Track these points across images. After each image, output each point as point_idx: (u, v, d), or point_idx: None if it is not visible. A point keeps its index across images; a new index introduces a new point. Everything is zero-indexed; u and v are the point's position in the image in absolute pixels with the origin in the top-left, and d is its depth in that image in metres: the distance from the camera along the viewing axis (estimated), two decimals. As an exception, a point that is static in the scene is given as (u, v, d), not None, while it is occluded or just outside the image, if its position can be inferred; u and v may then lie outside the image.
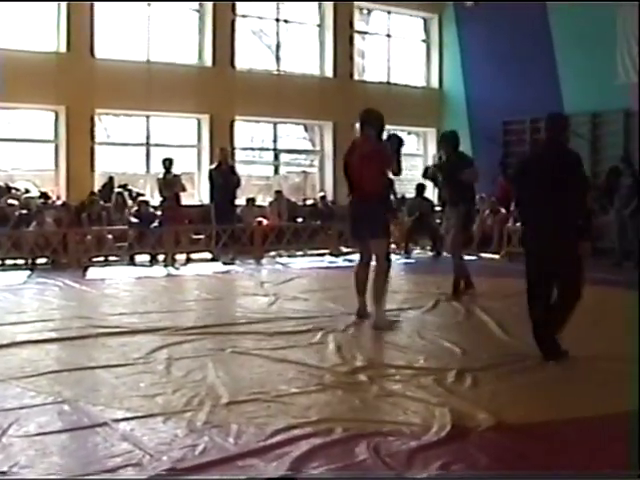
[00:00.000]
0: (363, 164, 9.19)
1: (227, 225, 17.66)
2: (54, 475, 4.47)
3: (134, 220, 17.23)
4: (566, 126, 7.79)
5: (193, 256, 17.33)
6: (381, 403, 6.00)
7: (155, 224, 17.23)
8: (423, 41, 24.61)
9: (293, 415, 5.59)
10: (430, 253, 19.25)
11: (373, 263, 9.43)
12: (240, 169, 18.65)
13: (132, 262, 16.56)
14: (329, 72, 22.41)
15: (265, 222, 19.06)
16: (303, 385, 6.46)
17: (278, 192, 20.40)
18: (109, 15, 19.29)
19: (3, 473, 4.45)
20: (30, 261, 15.60)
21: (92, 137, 19.07)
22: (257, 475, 4.49)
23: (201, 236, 18.02)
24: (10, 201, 16.81)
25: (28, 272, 14.74)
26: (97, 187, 18.82)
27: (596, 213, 16.47)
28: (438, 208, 20.97)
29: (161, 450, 4.85)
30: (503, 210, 19.65)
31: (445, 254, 18.46)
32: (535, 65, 20.28)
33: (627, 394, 6.04)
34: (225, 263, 16.73)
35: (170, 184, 17.26)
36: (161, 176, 17.44)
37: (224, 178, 17.58)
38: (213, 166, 18.17)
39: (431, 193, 21.75)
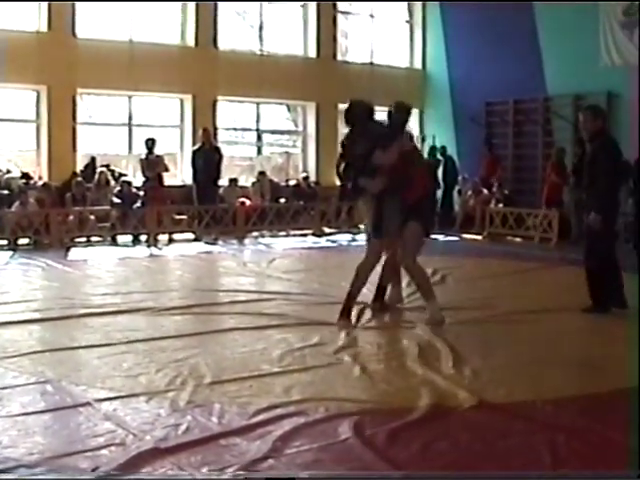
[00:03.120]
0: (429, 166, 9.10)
1: (209, 205, 17.66)
2: (37, 455, 4.48)
3: (116, 200, 17.17)
4: None
5: (176, 236, 17.32)
6: (363, 383, 6.03)
7: (137, 204, 17.19)
8: (407, 22, 24.52)
9: (276, 394, 5.62)
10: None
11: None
12: (223, 150, 18.59)
13: (114, 242, 16.53)
14: (312, 53, 22.32)
15: (248, 202, 19.02)
16: (286, 365, 6.49)
17: (261, 173, 20.36)
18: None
19: (-14, 453, 4.47)
20: (12, 241, 15.54)
21: (74, 117, 18.95)
22: (247, 462, 4.50)
23: (184, 216, 17.99)
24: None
25: (10, 253, 14.67)
26: (79, 167, 18.75)
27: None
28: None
29: (144, 429, 4.87)
30: (485, 191, 19.70)
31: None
32: (518, 46, 20.25)
33: (609, 374, 6.10)
34: (208, 243, 16.72)
35: (153, 164, 17.23)
36: (143, 156, 17.40)
37: (206, 159, 17.56)
38: (196, 147, 18.15)
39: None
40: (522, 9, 20.24)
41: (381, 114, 9.31)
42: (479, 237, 18.23)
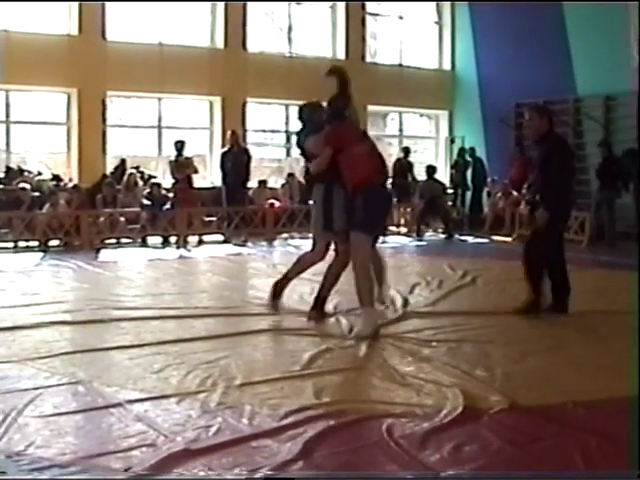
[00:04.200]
0: (375, 148, 8.64)
1: (239, 207, 17.70)
2: (70, 455, 4.50)
3: (146, 202, 17.25)
4: None
5: (205, 238, 17.36)
6: (394, 385, 5.99)
7: (167, 206, 17.26)
8: (435, 23, 24.49)
9: (307, 396, 5.60)
10: (442, 235, 19.21)
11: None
12: (252, 151, 18.62)
13: (144, 244, 16.60)
14: (341, 54, 22.33)
15: (277, 204, 19.04)
16: (316, 366, 6.47)
17: (290, 174, 20.38)
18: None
19: (19, 453, 4.49)
20: (43, 243, 15.64)
21: (104, 119, 19.09)
22: (278, 464, 4.50)
23: (213, 218, 18.05)
24: (22, 184, 16.86)
25: (41, 254, 14.78)
26: (109, 169, 18.86)
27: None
28: (450, 190, 21.07)
29: (175, 431, 4.88)
30: (515, 193, 19.61)
31: (457, 236, 18.57)
32: (548, 47, 20.15)
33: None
34: (237, 245, 16.75)
35: (182, 166, 17.29)
36: (173, 158, 17.46)
37: (234, 161, 17.62)
38: (225, 149, 18.21)
39: (442, 175, 21.81)
40: (551, 9, 20.13)
41: (412, 115, 9.14)
42: (509, 239, 18.14)
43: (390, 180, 20.03)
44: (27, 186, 16.84)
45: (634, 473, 4.37)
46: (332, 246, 8.69)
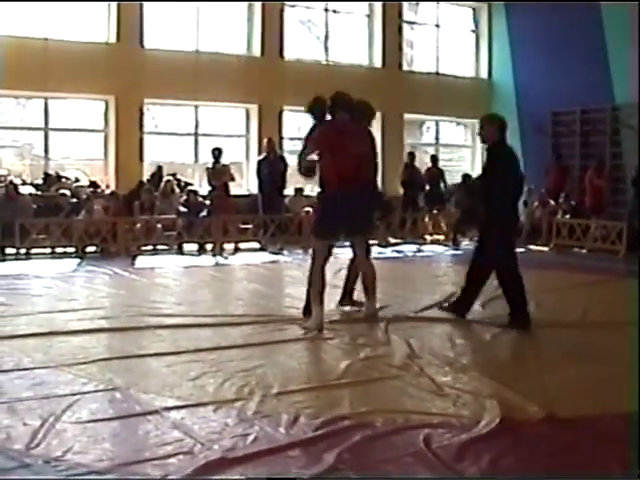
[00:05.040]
0: (363, 151, 8.43)
1: (275, 215, 17.72)
2: (107, 461, 4.51)
3: (183, 209, 17.31)
4: None
5: (241, 246, 17.38)
6: (431, 395, 5.97)
7: (203, 213, 17.31)
8: (472, 31, 24.41)
9: (343, 406, 5.59)
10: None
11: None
12: (288, 159, 18.63)
13: (180, 251, 16.63)
14: (378, 62, 22.32)
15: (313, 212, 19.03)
16: (353, 376, 6.46)
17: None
18: (158, 5, 19.36)
19: (57, 459, 4.51)
20: (80, 249, 15.74)
21: (141, 127, 19.19)
22: (315, 473, 4.49)
23: (249, 226, 18.07)
24: (62, 191, 16.99)
25: (78, 260, 14.87)
26: (146, 176, 18.95)
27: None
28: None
29: (212, 439, 4.88)
30: (552, 202, 19.49)
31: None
32: (585, 55, 20.02)
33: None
34: (273, 253, 16.76)
35: (219, 174, 17.32)
36: (210, 165, 17.51)
37: (271, 168, 17.64)
38: (261, 157, 18.24)
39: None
40: (589, 16, 20.01)
41: (449, 124, 9.20)
42: (546, 248, 18.02)
43: (425, 187, 20.05)
44: (67, 192, 16.96)
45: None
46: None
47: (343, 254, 9.64)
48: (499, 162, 8.65)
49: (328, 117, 8.89)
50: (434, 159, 20.77)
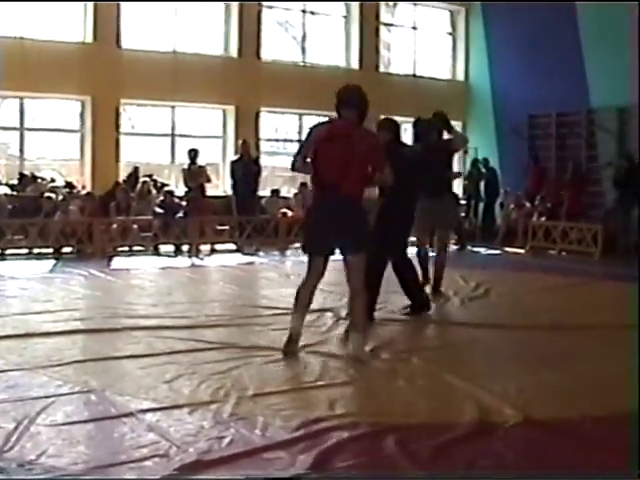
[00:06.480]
0: (355, 157, 7.11)
1: (251, 216, 17.71)
2: (82, 464, 4.48)
3: (159, 210, 17.27)
4: None
5: (217, 247, 17.36)
6: (407, 397, 5.97)
7: (180, 214, 17.28)
8: (449, 34, 24.50)
9: (319, 408, 5.58)
10: (454, 247, 19.14)
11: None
12: (265, 160, 18.65)
13: (156, 252, 16.59)
14: (355, 64, 22.36)
15: (290, 214, 19.03)
16: (330, 378, 6.45)
17: (303, 184, 20.34)
18: (136, 5, 19.31)
19: (31, 462, 4.47)
20: (56, 250, 15.65)
21: (117, 127, 19.13)
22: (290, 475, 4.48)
23: (225, 227, 18.06)
24: (48, 194, 16.77)
25: (54, 261, 14.79)
26: (122, 177, 18.88)
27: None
28: (463, 202, 21.03)
29: (187, 441, 4.85)
30: (528, 204, 19.58)
31: (470, 247, 18.53)
32: (562, 59, 20.11)
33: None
34: (249, 254, 16.74)
35: (195, 175, 17.31)
36: (186, 167, 17.49)
37: (245, 170, 17.66)
38: (235, 158, 18.24)
39: (456, 186, 21.73)
40: (565, 21, 20.11)
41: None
42: (521, 251, 18.10)
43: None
44: (52, 195, 16.77)
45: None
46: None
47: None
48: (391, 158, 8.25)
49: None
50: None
